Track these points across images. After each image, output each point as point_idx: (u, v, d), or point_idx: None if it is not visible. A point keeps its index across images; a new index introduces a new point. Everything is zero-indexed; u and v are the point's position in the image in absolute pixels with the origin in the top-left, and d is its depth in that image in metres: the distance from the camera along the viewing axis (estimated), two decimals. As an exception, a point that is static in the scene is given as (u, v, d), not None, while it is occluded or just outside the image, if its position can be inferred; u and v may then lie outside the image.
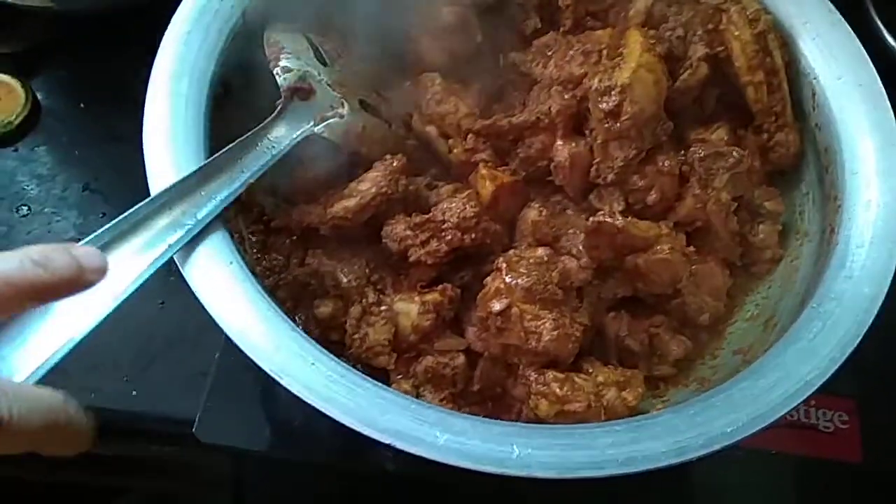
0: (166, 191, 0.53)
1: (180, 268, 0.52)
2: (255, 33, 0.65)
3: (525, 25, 0.76)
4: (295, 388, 0.48)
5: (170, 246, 0.51)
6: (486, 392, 0.62)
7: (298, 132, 0.61)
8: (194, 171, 0.54)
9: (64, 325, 0.44)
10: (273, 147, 0.59)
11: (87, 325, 0.45)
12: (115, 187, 0.90)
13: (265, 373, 0.48)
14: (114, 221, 0.49)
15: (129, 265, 0.49)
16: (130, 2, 0.91)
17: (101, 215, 0.88)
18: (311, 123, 0.62)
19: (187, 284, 0.52)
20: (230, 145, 0.57)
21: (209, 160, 0.56)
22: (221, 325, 0.50)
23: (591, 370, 0.60)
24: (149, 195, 0.53)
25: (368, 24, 0.75)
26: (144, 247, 0.50)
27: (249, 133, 0.59)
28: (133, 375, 0.77)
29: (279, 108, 0.61)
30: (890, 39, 0.94)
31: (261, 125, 0.60)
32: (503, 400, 0.62)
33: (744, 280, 0.68)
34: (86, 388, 0.75)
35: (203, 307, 0.51)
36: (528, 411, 0.59)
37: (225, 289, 0.51)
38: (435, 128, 0.72)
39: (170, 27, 0.62)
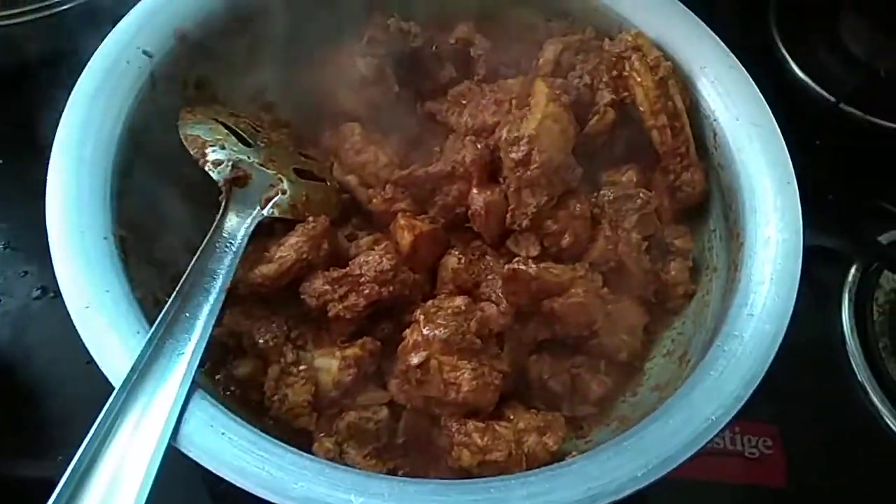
0: (159, 324, 0.52)
1: (83, 339, 0.51)
2: (163, 95, 0.65)
3: (441, 75, 0.78)
4: (204, 462, 0.47)
5: (182, 379, 0.51)
6: (410, 444, 0.62)
7: (249, 220, 0.61)
8: (173, 297, 0.54)
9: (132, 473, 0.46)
10: (231, 243, 0.60)
11: (146, 474, 0.46)
12: (37, 245, 0.88)
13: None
14: (133, 363, 0.50)
15: (157, 407, 0.49)
16: (42, 56, 0.90)
17: (22, 274, 0.86)
18: (258, 208, 0.63)
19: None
20: (193, 260, 0.57)
21: (183, 280, 0.55)
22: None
23: (512, 416, 0.60)
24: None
25: (286, 84, 0.76)
26: (162, 380, 0.50)
27: (205, 240, 0.59)
28: (59, 439, 0.74)
29: (223, 202, 0.62)
30: (798, 72, 0.99)
31: (213, 225, 0.60)
32: (428, 452, 0.62)
33: (660, 316, 0.70)
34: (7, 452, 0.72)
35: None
36: (452, 461, 0.59)
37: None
38: (355, 177, 0.73)
39: (75, 89, 0.61)
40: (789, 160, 0.65)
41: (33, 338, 0.81)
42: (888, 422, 0.80)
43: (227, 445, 0.48)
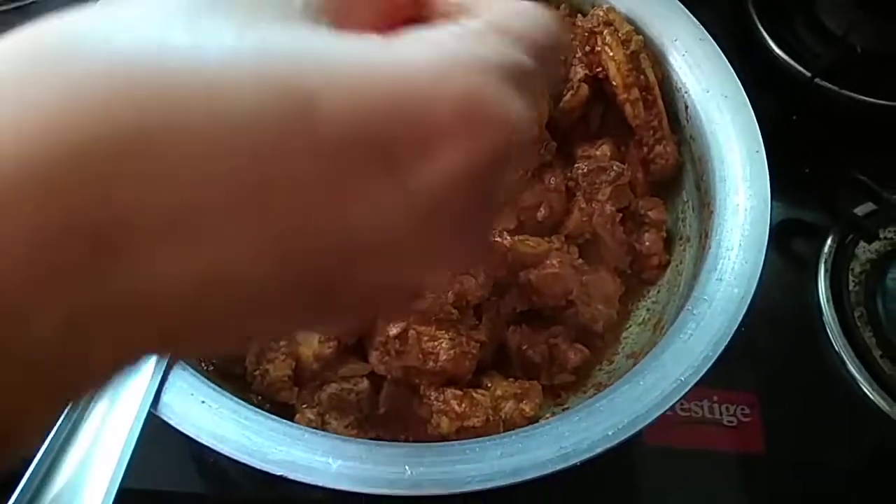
0: None
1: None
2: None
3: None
4: (184, 428, 0.48)
5: None
6: (391, 415, 0.63)
7: None
8: None
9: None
10: None
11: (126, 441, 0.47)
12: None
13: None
14: None
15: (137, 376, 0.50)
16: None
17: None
18: None
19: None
20: None
21: None
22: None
23: (489, 384, 0.62)
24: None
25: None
26: None
27: None
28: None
29: None
30: (774, 47, 1.00)
31: None
32: (409, 421, 0.63)
33: (635, 286, 0.71)
34: None
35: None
36: (431, 430, 0.60)
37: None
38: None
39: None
40: (758, 130, 0.66)
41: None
42: (864, 389, 0.81)
43: (206, 413, 0.49)
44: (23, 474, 0.45)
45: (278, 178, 0.20)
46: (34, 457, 0.45)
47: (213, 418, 0.49)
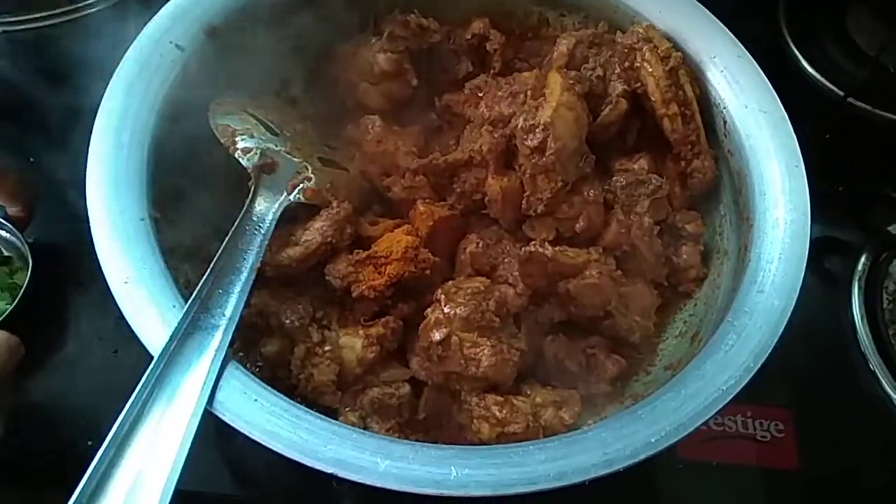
0: (194, 299, 0.55)
1: (123, 312, 0.54)
2: (194, 87, 0.68)
3: (458, 69, 0.81)
4: (237, 424, 0.49)
5: (216, 351, 0.53)
6: (431, 420, 0.64)
7: (276, 204, 0.64)
8: (207, 274, 0.57)
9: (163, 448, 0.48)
10: (260, 226, 0.62)
11: (184, 438, 0.49)
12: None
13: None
14: (171, 333, 0.52)
15: (193, 376, 0.52)
16: (70, 57, 0.94)
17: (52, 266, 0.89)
18: (285, 194, 0.65)
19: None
20: (225, 240, 0.60)
21: (216, 258, 0.58)
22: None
23: (529, 392, 0.62)
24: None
25: (310, 79, 0.79)
26: (198, 352, 0.53)
27: (236, 222, 0.61)
28: (87, 427, 0.77)
29: (252, 187, 0.65)
30: (807, 66, 1.01)
31: (243, 209, 0.63)
32: (449, 427, 0.64)
33: (672, 299, 0.72)
34: (36, 441, 0.75)
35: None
36: (471, 435, 0.61)
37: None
38: (376, 166, 0.76)
39: (112, 80, 0.64)
40: (797, 145, 0.67)
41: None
42: (898, 406, 0.81)
43: (259, 411, 0.51)
44: (84, 471, 0.46)
45: None
46: (95, 454, 0.47)
47: (266, 416, 0.50)
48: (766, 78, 0.71)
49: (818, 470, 0.79)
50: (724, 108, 0.71)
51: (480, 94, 0.76)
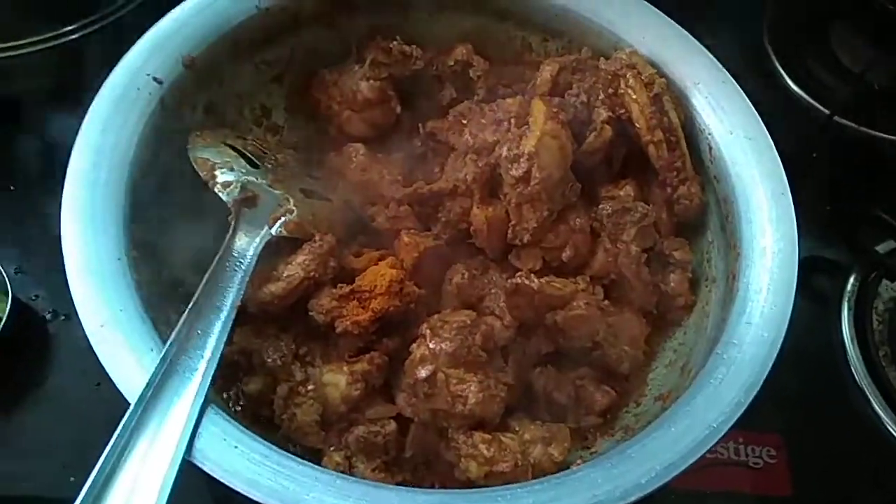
0: (172, 342, 0.54)
1: (99, 356, 0.52)
2: (172, 120, 0.67)
3: (441, 96, 0.80)
4: (218, 474, 0.48)
5: (195, 396, 0.52)
6: (418, 458, 0.63)
7: (258, 239, 0.63)
8: (186, 315, 0.55)
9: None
10: (241, 262, 0.61)
11: (161, 489, 0.47)
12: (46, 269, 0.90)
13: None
14: (148, 379, 0.51)
15: (171, 423, 0.50)
16: (49, 86, 0.93)
17: (34, 297, 0.87)
18: (267, 227, 0.64)
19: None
20: (204, 279, 0.58)
21: (195, 298, 0.57)
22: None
23: (518, 428, 0.61)
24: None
25: (292, 107, 0.78)
26: (176, 397, 0.52)
27: (216, 259, 0.60)
28: (70, 461, 0.75)
29: (232, 222, 0.63)
30: (792, 85, 1.01)
31: (223, 245, 0.61)
32: (436, 465, 0.63)
33: (661, 327, 0.71)
34: (17, 475, 0.73)
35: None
36: (459, 474, 0.60)
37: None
38: (360, 196, 0.75)
39: (88, 115, 0.63)
40: (783, 171, 0.66)
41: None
42: (889, 429, 0.80)
43: (239, 458, 0.49)
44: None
45: None
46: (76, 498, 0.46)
47: (247, 463, 0.49)
48: (750, 104, 0.70)
49: (811, 497, 0.78)
50: (710, 133, 0.70)
51: (464, 121, 0.75)
